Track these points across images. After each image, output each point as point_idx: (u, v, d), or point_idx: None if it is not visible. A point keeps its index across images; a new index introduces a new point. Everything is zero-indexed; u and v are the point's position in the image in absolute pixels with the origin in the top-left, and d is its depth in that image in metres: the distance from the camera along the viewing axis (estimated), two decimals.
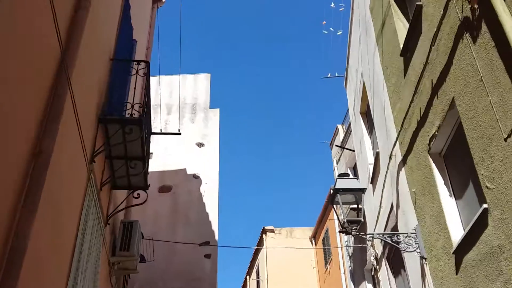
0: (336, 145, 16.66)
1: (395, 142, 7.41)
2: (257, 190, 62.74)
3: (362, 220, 7.25)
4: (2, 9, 2.98)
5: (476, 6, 4.38)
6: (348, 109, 13.21)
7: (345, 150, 15.29)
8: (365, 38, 9.45)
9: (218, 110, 15.74)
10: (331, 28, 12.52)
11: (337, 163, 16.67)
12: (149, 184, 7.96)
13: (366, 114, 10.65)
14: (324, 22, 15.38)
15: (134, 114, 6.59)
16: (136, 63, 7.36)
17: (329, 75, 14.08)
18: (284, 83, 61.88)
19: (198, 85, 16.32)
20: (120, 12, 7.76)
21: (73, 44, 4.63)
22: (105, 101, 6.48)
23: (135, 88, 7.26)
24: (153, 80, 15.09)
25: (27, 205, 3.47)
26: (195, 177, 14.22)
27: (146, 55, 11.83)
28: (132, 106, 6.46)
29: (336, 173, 16.38)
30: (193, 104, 15.73)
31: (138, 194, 7.84)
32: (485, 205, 4.43)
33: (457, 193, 5.63)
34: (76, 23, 4.79)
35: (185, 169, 14.32)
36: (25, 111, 3.56)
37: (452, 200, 5.68)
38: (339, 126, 17.17)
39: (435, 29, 5.47)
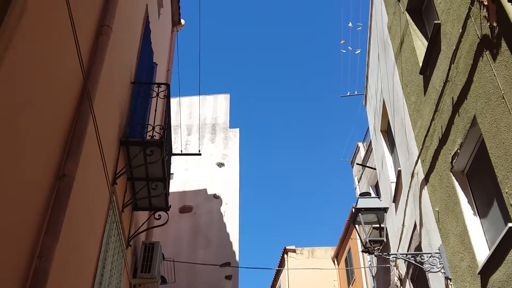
0: (357, 163, 16.53)
1: (417, 160, 7.32)
2: (278, 210, 62.41)
3: (385, 239, 7.14)
4: (26, 36, 3.08)
5: (495, 24, 4.35)
6: (368, 127, 13.14)
7: (366, 168, 15.15)
8: (384, 57, 9.44)
9: (238, 130, 15.83)
10: (349, 47, 12.55)
11: (358, 182, 16.52)
12: (170, 205, 8.00)
13: (387, 132, 10.57)
14: (342, 41, 15.43)
15: (155, 136, 6.68)
16: (156, 85, 7.48)
17: (348, 94, 14.07)
18: (304, 102, 61.98)
19: (217, 105, 16.47)
20: (141, 36, 7.94)
21: (95, 69, 4.74)
22: (126, 123, 6.60)
23: (155, 110, 7.38)
24: (173, 101, 15.30)
25: (50, 228, 3.53)
26: (216, 197, 14.25)
27: (166, 77, 12.02)
28: (153, 128, 6.55)
29: (358, 192, 16.22)
30: (213, 124, 15.86)
31: (159, 215, 7.89)
32: (510, 224, 4.32)
33: (482, 211, 5.51)
34: (98, 48, 4.92)
35: (205, 189, 14.37)
36: (49, 135, 3.65)
37: (477, 219, 5.56)
38: (360, 144, 17.06)
39: (454, 47, 5.43)
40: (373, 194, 13.34)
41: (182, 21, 13.56)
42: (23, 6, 2.88)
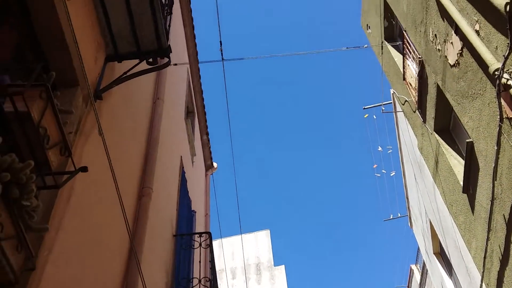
0: None
1: (481, 284, 6.78)
2: None
3: None
4: (74, 214, 3.21)
5: None
6: (418, 248, 12.53)
7: None
8: (421, 177, 9.35)
9: (283, 267, 15.33)
10: (383, 170, 12.55)
11: None
12: None
13: (441, 254, 10.02)
14: (375, 166, 15.48)
15: None
16: (198, 235, 7.49)
17: (391, 217, 13.71)
18: (346, 229, 60.47)
19: (259, 243, 16.22)
20: (178, 187, 8.19)
21: (139, 230, 4.84)
22: (172, 279, 6.49)
23: (199, 260, 7.29)
24: (215, 243, 15.19)
25: None
26: None
27: (205, 222, 12.11)
28: (199, 281, 6.41)
29: None
30: (257, 264, 15.45)
31: None
32: None
33: None
34: (141, 209, 5.07)
35: None
36: None
37: None
38: (413, 267, 16.16)
39: (493, 165, 5.35)
40: None
41: (215, 165, 14.07)
42: (71, 190, 3.05)
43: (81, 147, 3.43)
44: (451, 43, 5.95)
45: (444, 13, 5.92)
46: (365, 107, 10.36)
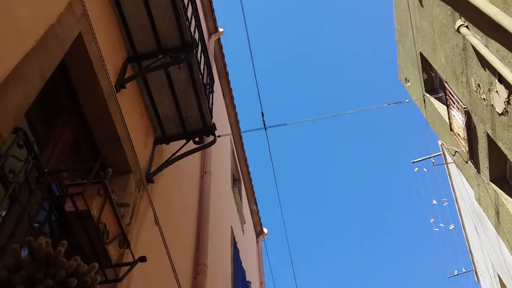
0: None
1: None
2: None
3: None
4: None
5: None
6: None
7: None
8: (482, 229, 8.88)
9: None
10: (441, 224, 12.01)
11: None
12: None
13: None
14: (432, 220, 14.84)
15: None
16: None
17: (456, 273, 12.94)
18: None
19: None
20: (231, 259, 8.10)
21: None
22: None
23: None
24: None
25: None
26: None
27: None
28: None
29: None
30: None
31: None
32: None
33: None
34: (197, 286, 5.03)
35: None
36: None
37: None
38: None
39: None
40: None
41: (265, 230, 13.91)
42: (130, 279, 3.07)
43: (137, 234, 3.49)
44: (496, 91, 5.82)
45: (485, 63, 5.84)
46: (414, 160, 10.13)
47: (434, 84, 8.92)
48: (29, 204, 2.15)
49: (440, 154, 9.92)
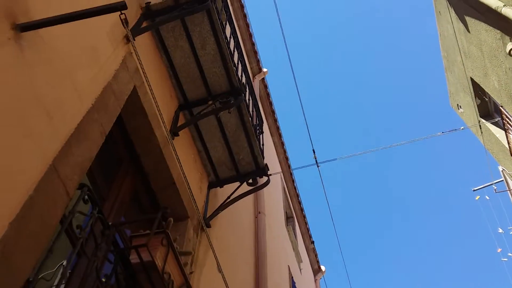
0: None
1: None
2: None
3: None
4: None
5: None
6: None
7: None
8: None
9: None
10: (509, 254, 11.28)
11: None
12: None
13: None
14: (499, 250, 13.95)
15: None
16: None
17: None
18: None
19: None
20: None
21: None
22: None
23: None
24: None
25: None
26: None
27: None
28: None
29: None
30: None
31: None
32: None
33: None
34: None
35: None
36: None
37: None
38: None
39: None
40: None
41: (323, 268, 13.56)
42: None
43: (198, 280, 3.48)
44: None
45: None
46: (475, 188, 9.68)
47: (488, 109, 8.60)
48: (96, 257, 2.19)
49: (502, 180, 9.43)
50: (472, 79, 8.16)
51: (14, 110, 1.96)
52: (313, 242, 12.37)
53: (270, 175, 5.63)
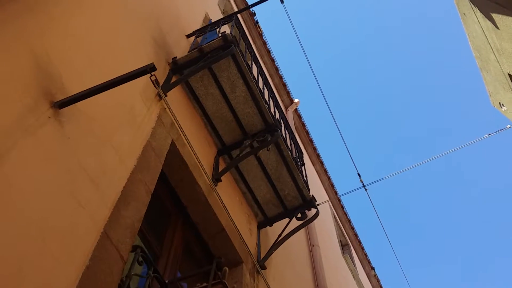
0: None
1: None
2: None
3: None
4: None
5: None
6: None
7: None
8: None
9: None
10: None
11: None
12: None
13: None
14: None
15: None
16: None
17: None
18: None
19: None
20: None
21: None
22: None
23: None
24: None
25: None
26: None
27: None
28: None
29: None
30: None
31: None
32: None
33: None
34: None
35: None
36: None
37: None
38: None
39: None
40: None
41: None
42: None
43: None
44: None
45: None
46: None
47: None
48: None
49: None
50: (510, 75, 7.88)
51: (64, 184, 2.02)
52: (373, 268, 11.96)
53: (318, 205, 5.54)
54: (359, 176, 6.07)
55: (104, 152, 2.42)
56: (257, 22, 9.22)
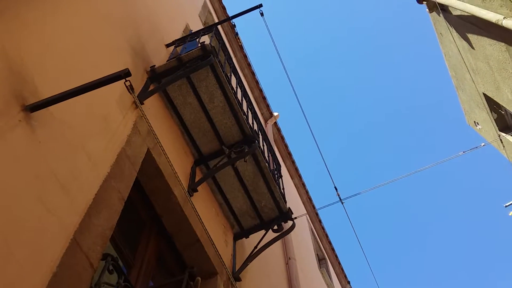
0: None
1: None
2: None
3: None
4: None
5: None
6: None
7: None
8: None
9: None
10: None
11: None
12: None
13: None
14: None
15: None
16: None
17: None
18: None
19: None
20: None
21: None
22: None
23: None
24: None
25: None
26: None
27: None
28: None
29: None
30: None
31: None
32: None
33: None
34: None
35: None
36: None
37: None
38: None
39: None
40: None
41: None
42: None
43: None
44: None
45: None
46: (506, 204, 9.36)
47: (507, 122, 8.45)
48: None
49: None
50: (485, 94, 8.08)
51: (31, 188, 1.97)
52: (349, 282, 11.98)
53: (295, 218, 5.54)
54: (336, 189, 6.09)
55: (76, 158, 2.38)
56: (237, 34, 9.27)
